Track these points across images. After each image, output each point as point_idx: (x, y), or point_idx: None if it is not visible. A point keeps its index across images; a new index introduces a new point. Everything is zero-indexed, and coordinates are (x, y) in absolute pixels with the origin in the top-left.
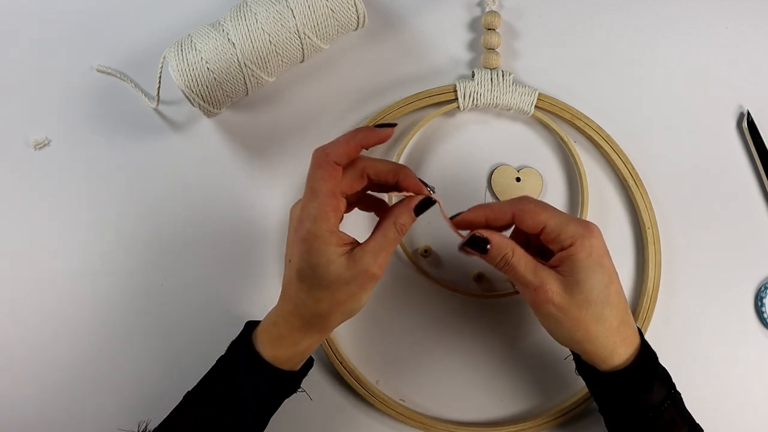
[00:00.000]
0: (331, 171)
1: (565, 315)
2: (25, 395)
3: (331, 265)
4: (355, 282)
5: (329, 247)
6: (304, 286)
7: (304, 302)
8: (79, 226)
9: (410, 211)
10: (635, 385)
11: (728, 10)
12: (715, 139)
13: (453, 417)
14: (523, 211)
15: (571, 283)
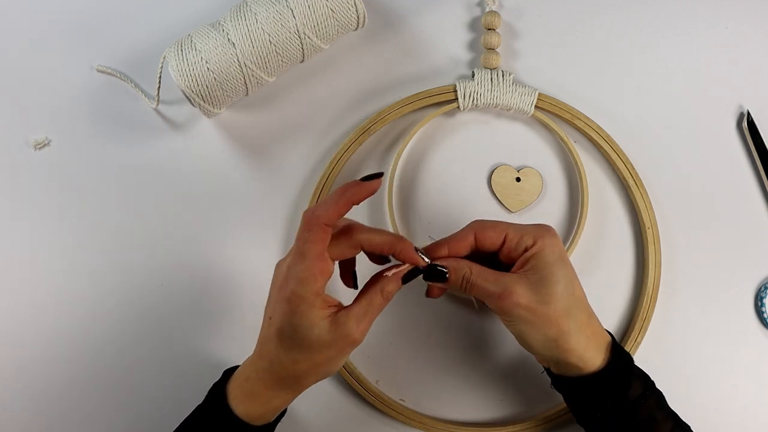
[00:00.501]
0: (321, 233)
1: (534, 314)
2: (24, 395)
3: (314, 327)
4: (336, 346)
5: (313, 309)
6: (283, 346)
7: (280, 361)
8: (78, 225)
9: (398, 280)
10: (613, 383)
11: (728, 10)
12: (715, 139)
13: (453, 417)
14: (483, 227)
15: (537, 281)
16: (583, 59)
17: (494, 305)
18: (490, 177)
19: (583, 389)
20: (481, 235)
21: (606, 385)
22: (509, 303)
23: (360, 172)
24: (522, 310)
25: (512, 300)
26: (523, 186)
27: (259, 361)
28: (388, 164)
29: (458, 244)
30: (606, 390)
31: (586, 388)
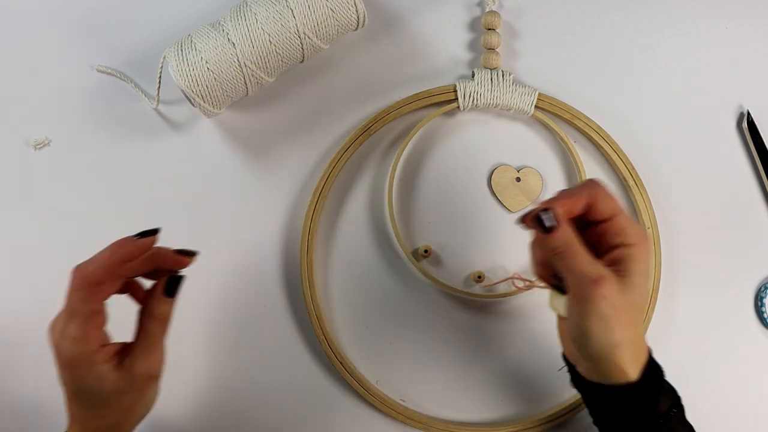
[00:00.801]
0: (91, 291)
1: (617, 314)
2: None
3: (104, 382)
4: (134, 389)
5: (96, 366)
6: (86, 406)
7: (89, 421)
8: (78, 225)
9: (161, 297)
10: (641, 398)
11: (728, 10)
12: (715, 139)
13: (453, 417)
14: (603, 195)
15: (625, 284)
16: (583, 59)
17: (580, 289)
18: (490, 177)
19: (609, 397)
20: (593, 202)
21: (634, 399)
22: (599, 292)
23: (360, 172)
24: (605, 305)
25: (603, 291)
26: (523, 186)
27: (72, 427)
28: (388, 164)
29: (572, 204)
30: (633, 403)
31: (614, 397)
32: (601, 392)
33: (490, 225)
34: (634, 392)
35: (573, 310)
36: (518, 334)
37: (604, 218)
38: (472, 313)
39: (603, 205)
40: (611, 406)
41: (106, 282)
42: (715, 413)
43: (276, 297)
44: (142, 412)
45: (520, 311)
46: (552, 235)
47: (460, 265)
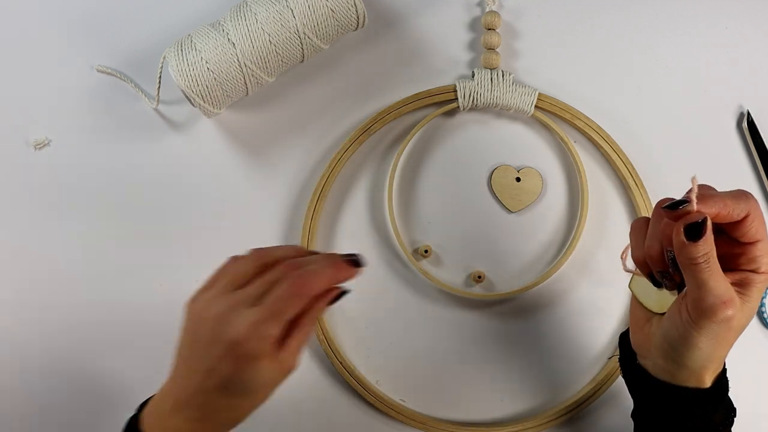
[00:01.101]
0: (305, 304)
1: (730, 335)
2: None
3: (265, 377)
4: (277, 383)
5: (271, 363)
6: (226, 395)
7: (217, 412)
8: (78, 225)
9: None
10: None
11: (728, 10)
12: (715, 139)
13: (453, 417)
14: (756, 217)
15: (746, 309)
16: (583, 59)
17: (706, 304)
18: (490, 177)
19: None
20: (750, 221)
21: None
22: (726, 314)
23: (360, 171)
24: (727, 327)
25: (729, 313)
26: (523, 186)
27: (191, 412)
28: (388, 164)
29: (730, 214)
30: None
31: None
32: (662, 390)
33: (490, 225)
34: (701, 398)
35: (685, 318)
36: (518, 334)
37: (748, 242)
38: (472, 313)
39: (753, 230)
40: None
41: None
42: None
43: None
44: (261, 405)
45: (521, 311)
46: (696, 244)
47: (460, 265)
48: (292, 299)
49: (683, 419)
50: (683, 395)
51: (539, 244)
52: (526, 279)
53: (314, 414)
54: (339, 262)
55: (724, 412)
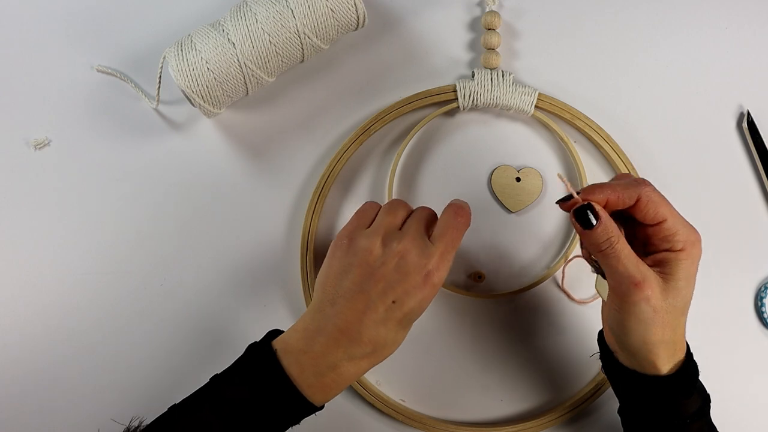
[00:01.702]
0: (466, 229)
1: (655, 316)
2: (23, 393)
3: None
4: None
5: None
6: (398, 328)
7: (386, 345)
8: (78, 225)
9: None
10: (676, 391)
11: (728, 10)
12: (715, 139)
13: (453, 417)
14: (650, 199)
15: (669, 288)
16: (583, 59)
17: (622, 288)
18: (490, 177)
19: (640, 385)
20: (643, 205)
21: (662, 393)
22: (641, 295)
23: (360, 172)
24: (646, 307)
25: (645, 293)
26: (523, 186)
27: (356, 347)
28: (388, 164)
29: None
30: (661, 397)
31: (643, 387)
32: (633, 380)
33: (490, 225)
34: (663, 386)
35: (612, 305)
36: (518, 334)
37: (652, 224)
38: (471, 312)
39: (651, 212)
40: (640, 395)
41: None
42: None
43: (276, 297)
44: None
45: (520, 311)
46: (592, 232)
47: (460, 265)
48: (463, 226)
49: (654, 408)
50: (647, 383)
51: (539, 244)
52: (526, 279)
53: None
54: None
55: (699, 401)
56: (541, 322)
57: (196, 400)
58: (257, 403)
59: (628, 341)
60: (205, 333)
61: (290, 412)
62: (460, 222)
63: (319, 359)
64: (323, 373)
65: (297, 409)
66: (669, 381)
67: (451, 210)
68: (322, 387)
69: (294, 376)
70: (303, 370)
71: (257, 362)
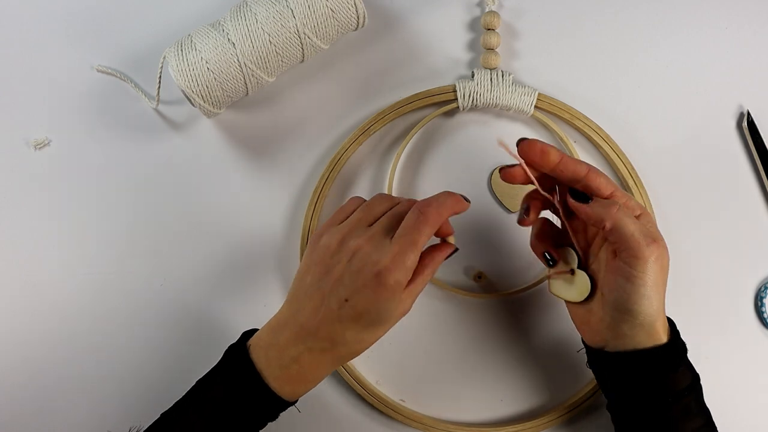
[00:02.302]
0: (433, 231)
1: (663, 277)
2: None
3: (398, 309)
4: (396, 321)
5: (403, 295)
6: (358, 327)
7: (346, 342)
8: (78, 225)
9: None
10: (674, 359)
11: (728, 10)
12: (715, 139)
13: (453, 417)
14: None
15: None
16: (583, 59)
17: (639, 250)
18: (490, 177)
19: (636, 364)
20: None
21: (661, 363)
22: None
23: (360, 172)
24: (659, 267)
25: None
26: (523, 186)
27: (315, 342)
28: (388, 164)
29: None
30: (660, 368)
31: (641, 363)
32: (630, 362)
33: (490, 225)
34: (662, 355)
35: (627, 274)
36: (518, 334)
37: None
38: (471, 312)
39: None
40: (635, 376)
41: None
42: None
43: (276, 297)
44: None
45: (520, 311)
46: (595, 202)
47: (460, 265)
48: (424, 227)
49: (647, 384)
50: (644, 356)
51: None
52: (526, 279)
53: (314, 414)
54: (456, 195)
55: (689, 375)
56: (541, 322)
57: (182, 405)
58: (231, 400)
59: (642, 309)
60: (204, 333)
61: (261, 406)
62: (421, 221)
63: (283, 351)
64: (287, 365)
65: (267, 402)
66: (665, 350)
67: (416, 208)
68: (288, 379)
69: (261, 369)
70: (270, 363)
71: (231, 360)
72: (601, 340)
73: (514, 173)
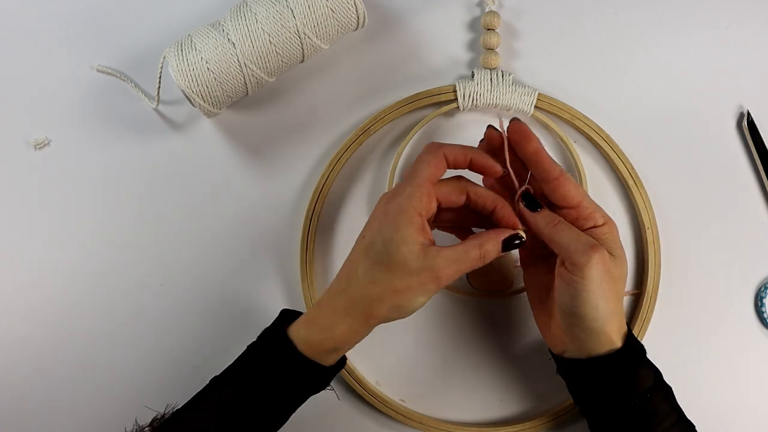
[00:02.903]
0: (438, 160)
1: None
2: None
3: (404, 245)
4: (418, 276)
5: (410, 226)
6: (368, 261)
7: (358, 280)
8: (78, 225)
9: (498, 242)
10: (632, 363)
11: (728, 10)
12: (715, 139)
13: (453, 417)
14: (568, 180)
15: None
16: (583, 59)
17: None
18: None
19: (587, 374)
20: (558, 187)
21: (618, 366)
22: (598, 256)
23: (360, 172)
24: (601, 271)
25: (602, 254)
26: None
27: (335, 284)
28: (388, 164)
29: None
30: (618, 372)
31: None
32: (588, 368)
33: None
34: (619, 359)
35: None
36: (518, 334)
37: (573, 205)
38: (472, 312)
39: (573, 191)
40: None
41: (449, 163)
42: (715, 413)
43: (277, 297)
44: (402, 307)
45: (520, 311)
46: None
47: None
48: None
49: (607, 390)
50: (603, 363)
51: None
52: None
53: (314, 414)
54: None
55: (650, 376)
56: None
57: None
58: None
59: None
60: (204, 333)
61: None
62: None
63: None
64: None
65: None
66: (623, 352)
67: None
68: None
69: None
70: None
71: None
72: (561, 344)
73: (494, 136)
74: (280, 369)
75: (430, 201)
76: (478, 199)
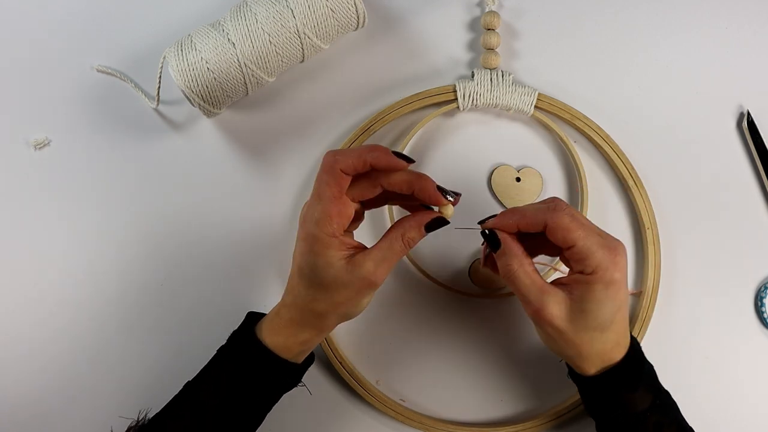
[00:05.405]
0: (337, 178)
1: (561, 337)
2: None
3: (330, 268)
4: (353, 287)
5: (329, 250)
6: (303, 283)
7: (302, 297)
8: (78, 225)
9: (420, 227)
10: (618, 388)
11: (728, 10)
12: (715, 139)
13: (453, 417)
14: (557, 226)
15: (577, 310)
16: (583, 59)
17: (528, 311)
18: (490, 177)
19: (589, 387)
20: (551, 231)
21: (609, 390)
22: (541, 319)
23: None
24: (550, 329)
25: (546, 318)
26: (523, 186)
27: (286, 297)
28: None
29: (529, 224)
30: (610, 393)
31: (592, 388)
32: (583, 381)
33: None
34: (606, 381)
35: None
36: (518, 334)
37: (564, 247)
38: (472, 312)
39: (560, 237)
40: (592, 395)
41: (350, 174)
42: (715, 413)
43: (275, 296)
44: (349, 313)
45: (521, 311)
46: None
47: (460, 265)
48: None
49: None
50: (592, 382)
51: None
52: None
53: (314, 414)
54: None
55: (647, 398)
56: None
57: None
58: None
59: (552, 350)
60: (204, 333)
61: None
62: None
63: (270, 313)
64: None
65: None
66: (591, 381)
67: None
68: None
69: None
70: (263, 327)
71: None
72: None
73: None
74: (253, 369)
75: (342, 216)
76: (394, 187)
